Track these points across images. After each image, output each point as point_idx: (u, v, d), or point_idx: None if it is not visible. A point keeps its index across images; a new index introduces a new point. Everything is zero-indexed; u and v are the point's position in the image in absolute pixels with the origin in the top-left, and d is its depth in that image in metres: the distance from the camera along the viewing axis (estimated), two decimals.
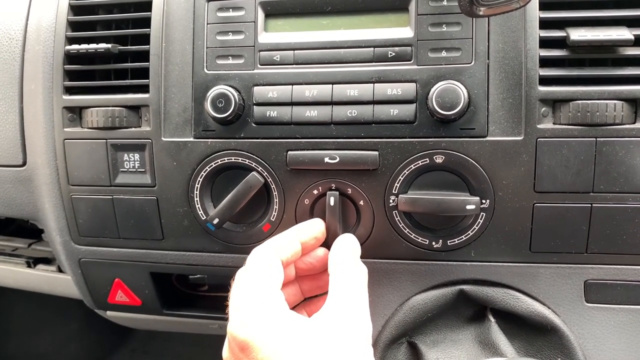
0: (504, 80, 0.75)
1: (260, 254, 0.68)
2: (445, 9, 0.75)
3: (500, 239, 0.78)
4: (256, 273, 0.65)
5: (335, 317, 0.62)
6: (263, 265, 0.66)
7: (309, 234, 0.75)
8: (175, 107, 0.83)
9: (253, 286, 0.64)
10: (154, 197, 0.86)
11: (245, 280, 0.65)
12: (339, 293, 0.65)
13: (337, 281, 0.67)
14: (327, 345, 0.59)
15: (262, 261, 0.67)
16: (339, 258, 0.71)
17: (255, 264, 0.67)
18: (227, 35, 0.81)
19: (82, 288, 1.00)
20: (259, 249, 0.70)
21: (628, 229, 0.74)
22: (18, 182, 0.96)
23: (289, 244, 0.71)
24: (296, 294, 0.79)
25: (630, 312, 0.78)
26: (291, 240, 0.72)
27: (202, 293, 1.06)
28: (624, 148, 0.72)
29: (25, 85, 0.92)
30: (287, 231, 0.75)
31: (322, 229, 0.77)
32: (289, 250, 0.70)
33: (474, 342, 0.81)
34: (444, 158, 0.76)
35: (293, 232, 0.74)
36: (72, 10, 0.89)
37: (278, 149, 0.80)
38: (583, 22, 0.73)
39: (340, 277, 0.67)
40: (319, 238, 0.76)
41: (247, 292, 0.63)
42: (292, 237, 0.73)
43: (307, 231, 0.75)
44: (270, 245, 0.70)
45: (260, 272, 0.65)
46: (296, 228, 0.76)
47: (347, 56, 0.78)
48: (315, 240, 0.76)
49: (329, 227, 0.78)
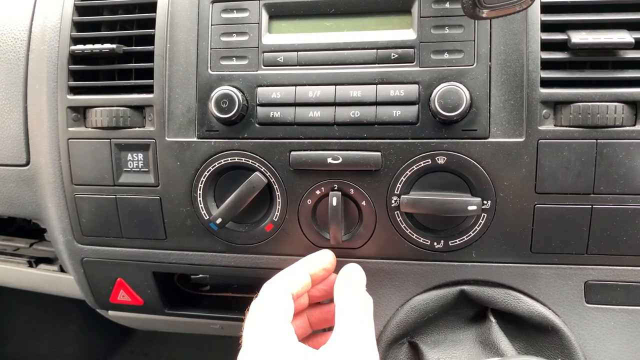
0: (505, 82, 0.75)
1: (271, 288, 0.70)
2: (447, 12, 0.76)
3: (501, 240, 0.78)
4: (268, 307, 0.67)
5: (341, 349, 0.63)
6: (274, 300, 0.68)
7: (318, 266, 0.76)
8: (179, 108, 0.84)
9: (265, 319, 0.65)
10: (157, 197, 0.86)
11: (257, 314, 0.66)
12: (345, 326, 0.66)
13: (342, 313, 0.68)
14: None
15: (274, 295, 0.68)
16: (345, 288, 0.72)
17: (267, 298, 0.68)
18: (231, 36, 0.82)
19: (84, 287, 1.00)
20: (270, 283, 0.71)
21: (628, 230, 0.75)
22: (21, 181, 0.96)
23: (299, 277, 0.72)
24: (304, 327, 0.80)
25: (630, 313, 0.79)
26: (301, 273, 0.73)
27: (204, 293, 1.06)
28: (624, 150, 0.72)
29: (29, 84, 0.93)
30: (296, 264, 0.76)
31: (331, 260, 0.78)
32: (299, 284, 0.71)
33: (474, 343, 0.82)
34: (445, 159, 0.76)
35: (303, 266, 0.75)
36: (77, 11, 0.90)
37: (281, 149, 0.80)
38: (584, 25, 0.74)
39: (346, 308, 0.68)
40: (328, 269, 0.77)
41: (259, 325, 0.65)
42: (302, 271, 0.74)
43: (316, 263, 0.76)
44: (281, 279, 0.71)
45: (272, 306, 0.67)
46: (305, 260, 0.77)
47: (350, 58, 0.79)
48: (324, 271, 0.77)
49: (331, 228, 0.79)
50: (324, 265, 0.77)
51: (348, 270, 0.76)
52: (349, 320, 0.66)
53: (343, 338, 0.64)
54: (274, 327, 0.64)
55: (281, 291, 0.69)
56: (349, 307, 0.68)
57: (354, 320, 0.66)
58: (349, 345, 0.63)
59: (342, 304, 0.69)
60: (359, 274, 0.76)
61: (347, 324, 0.66)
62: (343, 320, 0.66)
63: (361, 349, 0.63)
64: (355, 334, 0.65)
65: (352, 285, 0.73)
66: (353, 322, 0.66)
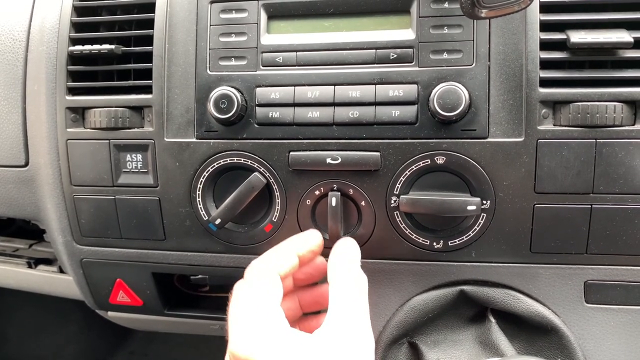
0: (504, 82, 0.75)
1: (258, 268, 0.68)
2: (446, 11, 0.76)
3: (500, 240, 0.78)
4: (255, 289, 0.65)
5: (336, 334, 0.61)
6: (262, 281, 0.66)
7: (306, 248, 0.74)
8: (178, 108, 0.84)
9: (253, 302, 0.63)
10: (156, 198, 0.86)
11: (244, 296, 0.65)
12: (339, 307, 0.64)
13: (336, 293, 0.66)
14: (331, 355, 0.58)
15: (261, 276, 0.67)
16: (339, 266, 0.70)
17: (254, 279, 0.66)
18: (230, 36, 0.82)
19: (83, 288, 1.00)
20: (256, 263, 0.69)
21: (628, 230, 0.75)
22: (20, 182, 0.96)
23: (286, 258, 0.70)
24: (295, 309, 0.78)
25: (630, 313, 0.79)
26: (289, 254, 0.71)
27: (203, 294, 1.06)
28: (623, 149, 0.72)
29: (28, 85, 0.93)
30: (284, 243, 0.74)
31: (319, 243, 0.76)
32: (286, 265, 0.70)
33: (474, 343, 0.82)
34: (445, 159, 0.76)
35: (290, 245, 0.73)
36: (76, 12, 0.89)
37: (280, 149, 0.80)
38: (583, 24, 0.74)
39: (340, 288, 0.66)
40: (316, 251, 0.76)
41: (247, 308, 0.63)
42: (289, 251, 0.72)
43: (305, 244, 0.74)
44: (267, 259, 0.70)
45: (260, 288, 0.65)
46: (293, 240, 0.75)
47: (349, 58, 0.79)
48: (312, 254, 0.75)
49: (330, 228, 0.78)
50: (312, 247, 0.75)
51: (342, 247, 0.74)
52: (343, 302, 0.65)
53: (337, 323, 0.62)
54: (263, 310, 0.62)
55: (268, 271, 0.67)
56: (343, 288, 0.66)
57: (349, 303, 0.65)
58: (344, 329, 0.62)
59: (336, 283, 0.67)
60: (354, 250, 0.73)
61: (341, 307, 0.64)
62: (337, 303, 0.65)
63: (357, 332, 0.62)
64: (350, 317, 0.63)
65: (347, 263, 0.70)
66: (348, 304, 0.64)
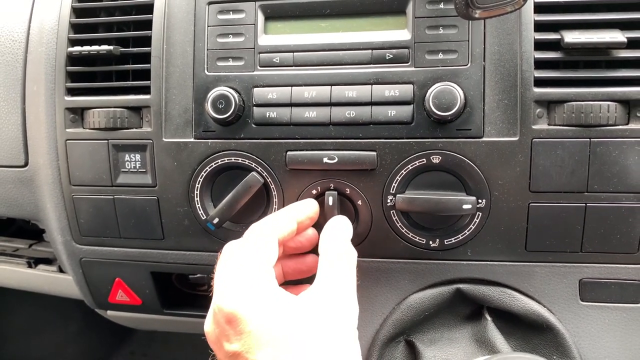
0: (499, 82, 0.76)
1: (259, 230, 0.69)
2: (441, 12, 0.76)
3: (496, 238, 0.79)
4: (252, 248, 0.66)
5: (323, 296, 0.63)
6: (260, 242, 0.67)
7: (305, 214, 0.76)
8: (176, 108, 0.84)
9: (246, 261, 0.64)
10: (154, 197, 0.87)
11: (239, 255, 0.65)
12: (328, 274, 0.66)
13: (326, 261, 0.68)
14: (314, 326, 0.60)
15: (260, 237, 0.68)
16: (331, 239, 0.71)
17: (253, 240, 0.67)
18: (228, 37, 0.82)
19: (82, 288, 1.01)
20: (257, 225, 0.70)
21: (622, 228, 0.75)
22: (20, 182, 0.97)
23: (286, 223, 0.72)
24: (278, 276, 0.78)
25: (624, 311, 0.79)
26: (289, 219, 0.73)
27: (201, 293, 1.06)
28: (617, 148, 0.73)
29: (27, 86, 0.93)
30: (284, 210, 0.76)
31: (316, 209, 0.78)
32: (286, 230, 0.71)
33: (470, 341, 0.82)
34: (440, 158, 0.77)
35: (290, 212, 0.75)
36: (75, 13, 0.90)
37: (277, 149, 0.81)
38: (577, 24, 0.74)
39: (330, 258, 0.68)
40: (313, 218, 0.77)
41: (240, 265, 0.64)
42: (289, 217, 0.73)
43: (304, 211, 0.76)
44: (269, 223, 0.71)
45: (257, 248, 0.66)
46: (293, 207, 0.76)
47: (345, 58, 0.79)
48: (310, 220, 0.77)
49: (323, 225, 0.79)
50: (310, 214, 0.76)
51: (335, 222, 0.75)
52: (332, 270, 0.66)
53: (325, 286, 0.64)
54: (256, 269, 0.63)
55: (268, 234, 0.68)
56: (333, 258, 0.68)
57: (337, 272, 0.66)
58: (331, 293, 0.63)
59: (327, 254, 0.69)
60: (346, 226, 0.75)
61: (329, 275, 0.66)
62: (326, 270, 0.66)
63: (342, 297, 0.64)
64: (337, 285, 0.65)
65: (339, 237, 0.72)
66: (336, 272, 0.66)
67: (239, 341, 0.58)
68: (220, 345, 0.61)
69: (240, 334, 0.58)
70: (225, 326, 0.60)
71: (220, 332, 0.61)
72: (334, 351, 0.60)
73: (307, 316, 0.60)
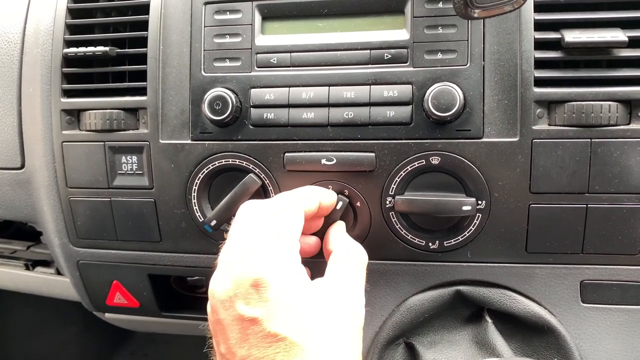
0: (499, 82, 0.75)
1: (287, 199, 0.68)
2: (440, 12, 0.76)
3: (496, 240, 0.78)
4: (282, 217, 0.64)
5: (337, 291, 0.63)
6: (289, 212, 0.65)
7: (327, 200, 0.74)
8: (173, 110, 0.84)
9: (277, 228, 0.62)
10: (151, 199, 0.86)
11: (268, 219, 0.63)
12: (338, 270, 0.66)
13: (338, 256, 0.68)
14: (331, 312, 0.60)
15: (290, 206, 0.66)
16: (342, 234, 0.72)
17: (281, 206, 0.66)
18: (225, 37, 0.82)
19: (80, 290, 1.00)
20: (284, 195, 0.70)
21: (623, 229, 0.74)
22: (16, 184, 0.96)
23: (312, 201, 0.71)
24: None
25: (626, 313, 0.79)
26: (314, 197, 0.71)
27: (200, 295, 1.06)
28: (618, 149, 0.72)
29: (23, 88, 0.93)
30: (309, 188, 0.75)
31: (334, 202, 0.77)
32: (311, 207, 0.70)
33: (470, 343, 0.82)
34: (440, 159, 0.76)
35: (316, 191, 0.73)
36: (70, 14, 0.89)
37: (275, 150, 0.80)
38: (578, 24, 0.74)
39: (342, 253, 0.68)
40: (330, 209, 0.76)
41: (270, 231, 0.62)
42: (314, 195, 0.72)
43: (328, 197, 0.75)
44: (297, 195, 0.70)
45: (286, 217, 0.64)
46: (318, 190, 0.75)
47: (343, 58, 0.78)
48: (327, 210, 0.75)
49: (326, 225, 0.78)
50: (330, 203, 0.75)
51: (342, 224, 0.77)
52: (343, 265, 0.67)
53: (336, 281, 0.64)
54: (287, 238, 0.62)
55: (296, 204, 0.67)
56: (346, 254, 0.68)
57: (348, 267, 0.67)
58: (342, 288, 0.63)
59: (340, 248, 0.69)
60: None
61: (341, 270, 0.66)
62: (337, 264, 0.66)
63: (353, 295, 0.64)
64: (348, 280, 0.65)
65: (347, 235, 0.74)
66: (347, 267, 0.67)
67: (262, 307, 0.56)
68: (232, 306, 0.57)
69: (265, 301, 0.56)
70: (249, 289, 0.57)
71: (240, 294, 0.57)
72: (345, 341, 0.59)
73: (324, 302, 0.60)
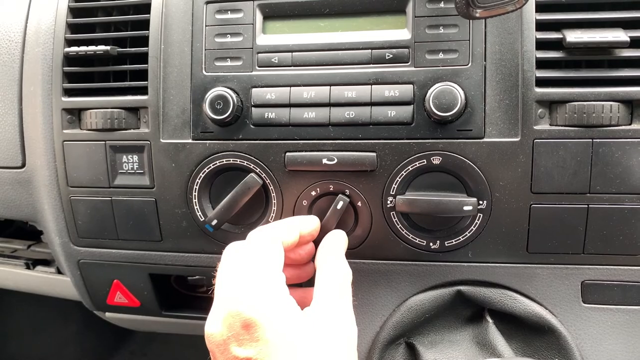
0: (500, 82, 0.75)
1: (264, 234, 0.68)
2: (442, 11, 0.76)
3: (497, 240, 0.78)
4: (261, 252, 0.65)
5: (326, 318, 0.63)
6: (267, 246, 0.66)
7: (308, 229, 0.75)
8: (174, 109, 0.84)
9: (258, 264, 0.63)
10: (152, 199, 0.86)
11: (249, 257, 0.64)
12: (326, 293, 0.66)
13: (323, 280, 0.68)
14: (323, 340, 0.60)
15: (266, 241, 0.67)
16: (328, 254, 0.72)
17: (259, 243, 0.66)
18: (226, 37, 0.82)
19: (81, 289, 1.00)
20: (261, 229, 0.70)
21: (624, 229, 0.74)
22: (17, 183, 0.96)
23: (290, 232, 0.71)
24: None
25: (627, 313, 0.78)
26: (293, 228, 0.72)
27: (200, 294, 1.06)
28: (620, 149, 0.72)
29: (24, 87, 0.93)
30: (287, 220, 0.75)
31: (318, 227, 0.78)
32: (289, 239, 0.70)
33: (471, 343, 0.81)
34: (441, 159, 0.76)
35: (294, 222, 0.74)
36: (71, 13, 0.89)
37: (276, 150, 0.80)
38: (579, 24, 0.74)
39: (326, 276, 0.68)
40: (314, 235, 0.77)
41: (252, 269, 0.62)
42: (293, 226, 0.72)
43: (307, 225, 0.75)
44: (273, 229, 0.70)
45: (266, 252, 0.65)
46: (297, 220, 0.76)
47: (344, 58, 0.78)
48: (310, 236, 0.76)
49: (325, 225, 0.78)
50: (313, 230, 0.76)
51: (333, 237, 0.76)
52: (330, 288, 0.67)
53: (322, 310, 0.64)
54: (270, 273, 0.63)
55: (273, 238, 0.67)
56: (329, 276, 0.68)
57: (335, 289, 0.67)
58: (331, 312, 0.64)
59: (324, 270, 0.69)
60: (342, 241, 0.75)
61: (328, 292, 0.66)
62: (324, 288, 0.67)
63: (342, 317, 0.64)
64: (336, 303, 0.65)
65: (335, 251, 0.73)
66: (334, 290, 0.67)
67: (255, 348, 0.57)
68: (227, 349, 0.59)
69: (256, 341, 0.57)
70: (240, 330, 0.59)
71: (232, 336, 0.59)
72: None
73: (316, 332, 0.61)
